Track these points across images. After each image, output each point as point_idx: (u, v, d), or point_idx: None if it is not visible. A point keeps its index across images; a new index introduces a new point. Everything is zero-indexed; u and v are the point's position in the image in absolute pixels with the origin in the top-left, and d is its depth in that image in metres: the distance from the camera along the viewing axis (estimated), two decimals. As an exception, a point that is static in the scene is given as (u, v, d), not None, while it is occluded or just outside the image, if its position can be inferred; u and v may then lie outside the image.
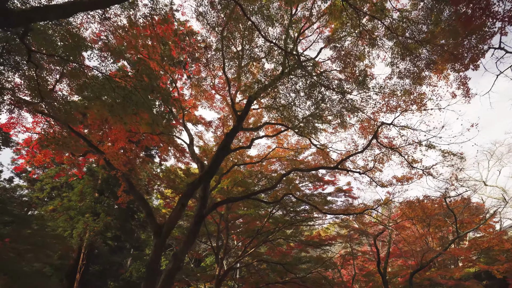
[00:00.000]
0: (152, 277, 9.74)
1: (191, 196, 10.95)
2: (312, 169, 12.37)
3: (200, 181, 10.96)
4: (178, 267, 10.41)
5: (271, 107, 10.81)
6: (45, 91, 9.08)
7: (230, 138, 11.37)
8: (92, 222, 15.75)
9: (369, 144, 10.86)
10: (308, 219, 18.82)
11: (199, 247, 30.34)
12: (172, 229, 10.22)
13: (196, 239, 10.67)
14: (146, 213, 10.35)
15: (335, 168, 11.61)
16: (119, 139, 14.78)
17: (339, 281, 22.83)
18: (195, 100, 15.93)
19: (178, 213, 10.30)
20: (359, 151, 11.35)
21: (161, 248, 9.94)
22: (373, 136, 10.68)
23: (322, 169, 12.07)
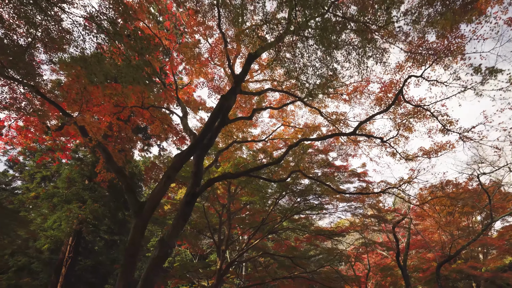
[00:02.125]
0: (131, 264, 7.99)
1: (178, 170, 9.18)
2: (324, 137, 10.52)
3: (190, 150, 9.19)
4: (166, 254, 8.66)
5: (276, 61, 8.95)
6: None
7: (226, 100, 9.57)
8: (77, 210, 14.07)
9: (394, 101, 8.96)
10: (318, 207, 16.92)
11: (201, 242, 28.62)
12: (155, 207, 8.45)
13: (187, 221, 8.85)
14: (124, 187, 8.59)
15: (353, 134, 9.73)
16: (103, 112, 13.14)
17: (352, 276, 20.85)
18: (190, 71, 14.19)
19: (163, 188, 8.53)
20: (382, 111, 9.44)
21: (142, 230, 8.18)
22: (399, 92, 8.79)
23: (336, 135, 10.21)
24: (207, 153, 18.05)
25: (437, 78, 8.48)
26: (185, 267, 21.13)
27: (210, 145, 10.56)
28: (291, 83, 12.56)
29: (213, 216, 22.75)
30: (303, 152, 13.43)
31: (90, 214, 14.36)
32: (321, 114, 12.98)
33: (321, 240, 21.20)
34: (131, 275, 7.94)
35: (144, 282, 8.10)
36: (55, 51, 11.97)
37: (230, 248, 23.20)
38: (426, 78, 8.58)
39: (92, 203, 14.71)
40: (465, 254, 18.76)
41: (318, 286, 22.70)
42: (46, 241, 17.93)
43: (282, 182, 11.06)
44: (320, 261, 18.57)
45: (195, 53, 11.97)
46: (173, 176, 8.82)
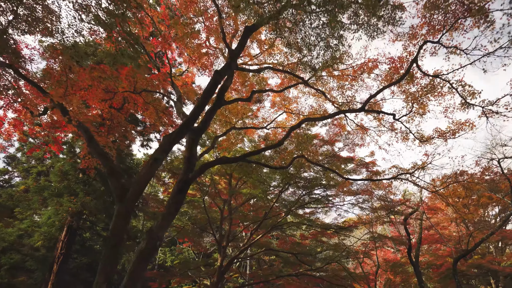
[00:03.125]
0: (113, 256, 7.10)
1: (167, 152, 8.29)
2: (329, 116, 9.49)
3: (180, 131, 8.30)
4: (154, 246, 7.75)
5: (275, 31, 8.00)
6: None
7: (220, 75, 8.66)
8: (68, 203, 13.25)
9: (408, 70, 7.94)
10: (324, 199, 15.94)
11: (203, 240, 27.77)
12: (141, 192, 7.57)
13: (178, 211, 7.93)
14: (107, 171, 7.72)
15: (362, 110, 8.72)
16: (91, 97, 12.31)
17: (360, 274, 19.80)
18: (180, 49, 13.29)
19: (149, 170, 7.64)
20: (394, 82, 8.43)
21: (126, 218, 7.29)
22: (413, 60, 7.78)
23: (343, 113, 9.19)
24: (203, 140, 17.24)
25: (456, 45, 7.49)
26: (186, 265, 20.28)
27: (205, 129, 9.68)
28: (292, 63, 11.63)
29: (215, 212, 21.92)
30: (307, 139, 12.43)
31: (81, 207, 13.54)
32: (326, 97, 12.02)
33: (327, 236, 20.20)
34: (114, 268, 7.07)
35: (130, 277, 7.21)
36: (42, 34, 11.14)
37: (232, 245, 22.31)
38: (444, 45, 7.60)
39: (84, 196, 13.88)
40: (481, 249, 17.63)
41: (325, 284, 21.71)
42: (40, 238, 17.19)
43: (284, 169, 10.12)
44: (327, 257, 17.55)
45: (189, 31, 11.07)
46: (161, 159, 7.93)
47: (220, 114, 12.63)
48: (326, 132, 17.94)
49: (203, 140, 16.65)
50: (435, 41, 7.58)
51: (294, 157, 10.04)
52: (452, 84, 8.01)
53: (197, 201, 19.42)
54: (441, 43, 7.59)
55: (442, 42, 7.57)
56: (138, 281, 7.42)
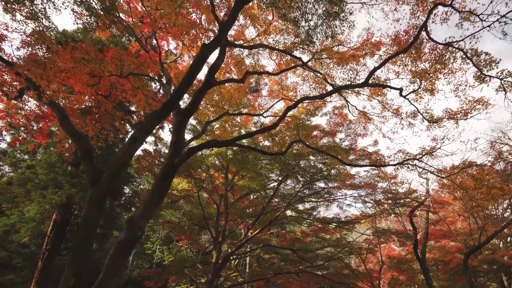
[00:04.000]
0: (84, 248, 6.29)
1: (149, 132, 7.46)
2: (328, 93, 8.58)
3: (164, 109, 7.48)
4: (134, 237, 6.92)
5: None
6: None
7: (208, 50, 7.84)
8: (52, 195, 12.46)
9: (416, 38, 7.07)
10: (325, 192, 15.10)
11: (201, 238, 27.00)
12: (117, 175, 6.74)
13: (163, 199, 7.08)
14: (81, 153, 6.91)
15: (365, 84, 7.84)
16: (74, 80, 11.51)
17: (363, 271, 18.90)
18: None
19: (127, 151, 6.82)
20: (402, 50, 7.56)
21: (100, 203, 6.46)
22: (422, 26, 6.90)
23: (345, 88, 8.30)
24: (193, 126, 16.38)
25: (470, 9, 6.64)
26: (182, 263, 19.44)
27: (193, 111, 8.86)
28: (290, 44, 10.79)
29: (213, 209, 21.14)
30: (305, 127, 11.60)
31: (67, 199, 12.76)
32: (326, 81, 11.19)
33: (328, 232, 19.34)
34: (85, 261, 6.24)
35: (107, 271, 6.39)
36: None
37: (229, 242, 21.50)
38: (456, 9, 6.76)
39: (70, 188, 13.09)
40: (491, 245, 16.74)
41: (327, 282, 20.86)
42: (27, 233, 16.42)
43: (281, 155, 9.28)
44: (328, 254, 16.68)
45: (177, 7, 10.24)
46: (141, 139, 7.09)
47: (213, 100, 11.81)
48: (326, 122, 17.13)
49: (192, 126, 15.80)
50: (447, 3, 6.72)
51: (292, 142, 9.20)
52: (466, 53, 7.16)
53: (193, 196, 18.61)
54: (453, 7, 6.75)
55: (454, 6, 6.74)
56: (117, 276, 6.60)
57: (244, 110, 15.35)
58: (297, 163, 11.91)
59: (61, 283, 5.94)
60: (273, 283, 30.37)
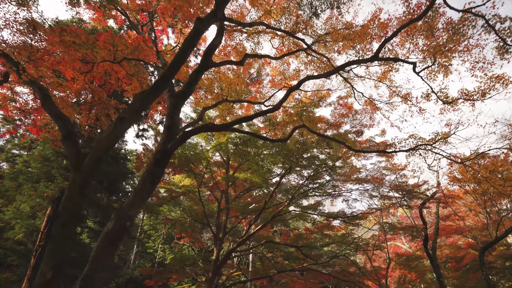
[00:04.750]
0: (63, 237, 5.67)
1: (138, 113, 6.83)
2: (333, 71, 7.87)
3: (155, 88, 6.86)
4: (123, 228, 6.27)
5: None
6: None
7: (203, 24, 7.22)
8: (43, 188, 11.90)
9: (432, 3, 6.37)
10: (330, 185, 14.43)
11: (202, 236, 26.37)
12: (101, 157, 6.11)
13: (155, 187, 6.40)
14: (63, 135, 6.31)
15: (374, 58, 7.13)
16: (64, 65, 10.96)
17: (370, 269, 18.17)
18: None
19: (113, 132, 6.19)
20: (416, 18, 6.82)
21: (82, 188, 5.84)
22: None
23: (351, 64, 7.59)
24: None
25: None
26: (182, 260, 18.81)
27: (189, 93, 8.26)
28: (292, 24, 10.14)
29: (214, 205, 20.55)
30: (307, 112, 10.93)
31: (60, 193, 12.20)
32: (331, 64, 10.52)
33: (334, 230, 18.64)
34: (64, 252, 5.63)
35: (93, 265, 5.75)
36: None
37: (230, 240, 20.86)
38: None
39: (63, 181, 12.52)
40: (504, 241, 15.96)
41: (332, 281, 20.17)
42: (21, 230, 15.89)
43: (283, 142, 8.63)
44: (334, 251, 15.99)
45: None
46: (129, 120, 6.47)
47: (210, 86, 11.17)
48: (331, 113, 16.42)
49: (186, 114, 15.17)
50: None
51: (295, 127, 8.55)
52: (488, 20, 6.46)
53: (193, 192, 18.00)
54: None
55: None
56: (104, 271, 5.96)
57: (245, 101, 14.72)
58: (300, 154, 11.25)
59: (38, 276, 5.34)
60: (276, 282, 29.69)
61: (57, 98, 12.13)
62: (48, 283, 5.18)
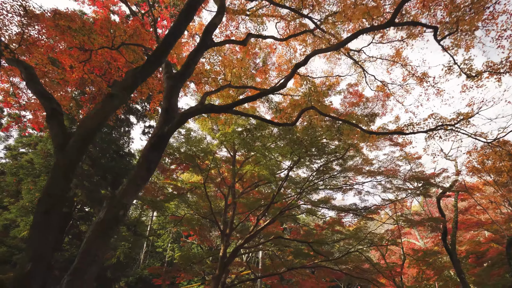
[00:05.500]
0: (45, 226, 5.09)
1: (130, 90, 6.26)
2: (344, 42, 7.13)
3: (148, 63, 6.29)
4: (116, 217, 5.67)
5: None
6: None
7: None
8: (43, 181, 11.49)
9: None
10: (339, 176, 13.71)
11: (210, 234, 25.83)
12: (90, 138, 5.55)
13: (151, 173, 5.80)
14: (48, 113, 5.78)
15: (390, 24, 6.37)
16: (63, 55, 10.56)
17: (384, 266, 17.32)
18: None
19: (101, 110, 5.64)
20: None
21: (67, 172, 5.28)
22: None
23: (364, 32, 6.85)
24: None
25: None
26: (189, 258, 18.30)
27: (187, 74, 7.71)
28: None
29: (221, 202, 20.06)
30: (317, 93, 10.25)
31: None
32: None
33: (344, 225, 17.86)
34: (46, 242, 5.05)
35: (83, 257, 5.18)
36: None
37: (239, 237, 20.26)
38: None
39: (63, 176, 12.08)
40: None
41: (344, 278, 19.41)
42: (26, 228, 15.58)
43: (290, 126, 7.98)
44: (347, 246, 15.23)
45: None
46: (120, 97, 5.91)
47: (213, 71, 10.58)
48: (341, 102, 15.67)
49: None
50: None
51: (303, 109, 7.89)
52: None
53: (200, 188, 17.48)
54: None
55: None
56: (95, 264, 5.34)
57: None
58: (309, 142, 10.55)
59: (17, 268, 4.81)
60: (287, 281, 29.00)
61: (57, 93, 11.76)
62: (27, 276, 4.62)
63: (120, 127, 19.32)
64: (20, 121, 13.53)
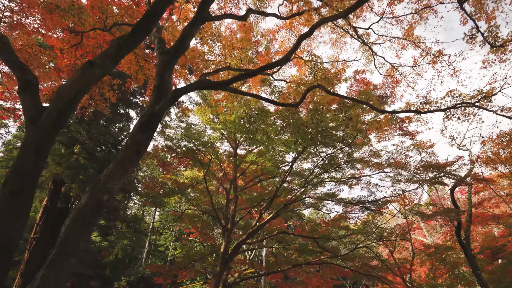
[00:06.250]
0: (14, 209, 4.39)
1: (115, 61, 5.58)
2: (352, 8, 6.35)
3: (135, 30, 5.61)
4: (98, 203, 4.92)
5: None
6: None
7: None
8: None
9: None
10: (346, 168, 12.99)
11: (212, 232, 25.17)
12: (67, 109, 4.85)
13: (140, 156, 5.07)
14: (20, 85, 5.10)
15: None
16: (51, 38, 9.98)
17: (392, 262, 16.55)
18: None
19: (80, 78, 4.95)
20: None
21: (39, 148, 4.59)
22: None
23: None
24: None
25: None
26: (189, 255, 17.63)
27: (182, 49, 7.05)
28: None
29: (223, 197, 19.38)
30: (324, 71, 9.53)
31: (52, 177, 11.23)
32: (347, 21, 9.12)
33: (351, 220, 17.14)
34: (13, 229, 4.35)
35: (61, 249, 4.48)
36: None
37: (241, 234, 19.57)
38: None
39: (55, 167, 11.50)
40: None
41: (351, 275, 18.65)
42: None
43: (294, 106, 7.29)
44: (354, 241, 14.50)
45: None
46: (102, 66, 5.22)
47: (212, 53, 9.89)
48: (347, 91, 14.95)
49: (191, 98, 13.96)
50: None
51: (308, 88, 7.20)
52: None
53: (200, 182, 16.85)
54: None
55: None
56: (74, 256, 4.61)
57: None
58: (315, 128, 9.82)
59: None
60: (292, 279, 28.27)
61: (50, 82, 11.18)
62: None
63: (120, 122, 18.77)
64: (12, 112, 12.93)
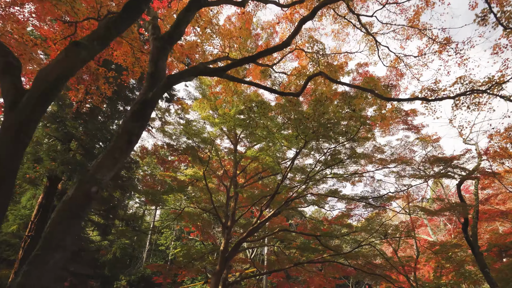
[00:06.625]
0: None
1: (103, 42, 5.22)
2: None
3: (125, 11, 5.27)
4: (86, 195, 4.56)
5: None
6: None
7: None
8: (26, 169, 10.61)
9: None
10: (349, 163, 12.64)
11: (213, 230, 24.84)
12: (50, 93, 4.50)
13: (132, 146, 4.71)
14: (1, 66, 4.77)
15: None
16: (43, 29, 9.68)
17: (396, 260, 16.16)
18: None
19: (64, 59, 4.61)
20: None
21: (19, 134, 4.25)
22: None
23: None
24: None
25: None
26: (189, 254, 17.29)
27: (176, 36, 6.76)
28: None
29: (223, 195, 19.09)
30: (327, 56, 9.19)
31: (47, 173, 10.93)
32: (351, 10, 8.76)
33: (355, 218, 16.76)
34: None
35: (45, 243, 4.14)
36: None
37: (241, 232, 19.23)
38: None
39: (50, 163, 11.18)
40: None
41: (354, 274, 18.29)
42: (16, 221, 14.73)
43: (295, 96, 6.93)
44: (358, 238, 14.13)
45: None
46: (89, 48, 4.88)
47: (207, 41, 9.54)
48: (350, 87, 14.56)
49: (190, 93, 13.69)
50: None
51: (309, 76, 6.86)
52: None
53: (200, 179, 16.54)
54: None
55: None
56: (60, 250, 4.25)
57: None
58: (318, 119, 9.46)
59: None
60: (294, 279, 27.88)
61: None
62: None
63: (119, 119, 18.48)
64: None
